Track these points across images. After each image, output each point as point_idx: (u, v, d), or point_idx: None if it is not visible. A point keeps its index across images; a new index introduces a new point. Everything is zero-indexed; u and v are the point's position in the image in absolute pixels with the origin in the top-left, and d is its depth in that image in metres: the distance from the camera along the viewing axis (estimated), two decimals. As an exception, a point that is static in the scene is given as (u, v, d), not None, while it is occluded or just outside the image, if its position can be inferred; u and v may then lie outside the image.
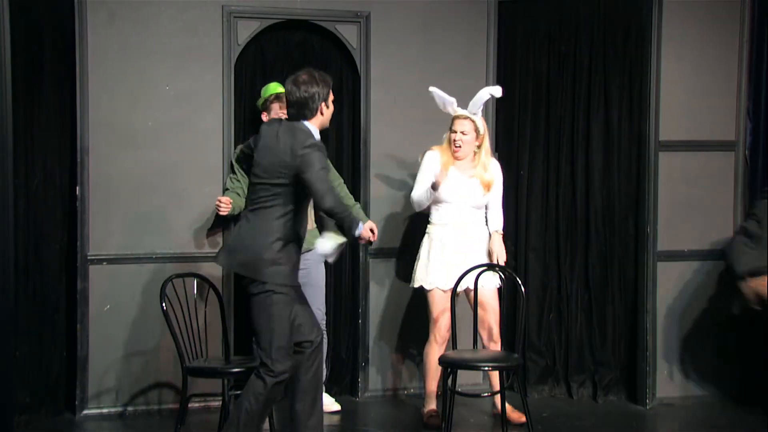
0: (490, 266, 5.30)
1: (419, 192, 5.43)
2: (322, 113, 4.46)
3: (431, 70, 5.95)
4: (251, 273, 4.41)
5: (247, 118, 5.92)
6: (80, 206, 5.55)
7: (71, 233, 5.59)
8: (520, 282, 5.06)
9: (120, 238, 5.62)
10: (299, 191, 4.40)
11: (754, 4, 5.96)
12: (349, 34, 5.91)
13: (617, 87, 6.05)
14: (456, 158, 5.42)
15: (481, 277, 5.19)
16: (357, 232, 4.34)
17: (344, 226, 4.35)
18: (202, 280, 5.08)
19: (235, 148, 5.75)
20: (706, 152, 5.96)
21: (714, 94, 5.97)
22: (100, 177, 5.58)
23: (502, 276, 5.25)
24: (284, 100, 4.63)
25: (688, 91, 5.94)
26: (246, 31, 5.75)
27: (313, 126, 4.46)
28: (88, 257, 5.57)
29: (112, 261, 5.61)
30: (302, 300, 4.59)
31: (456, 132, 5.41)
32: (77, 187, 5.55)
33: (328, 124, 4.55)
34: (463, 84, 5.81)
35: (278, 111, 5.28)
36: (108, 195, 5.60)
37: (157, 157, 5.65)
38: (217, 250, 5.49)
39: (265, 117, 5.40)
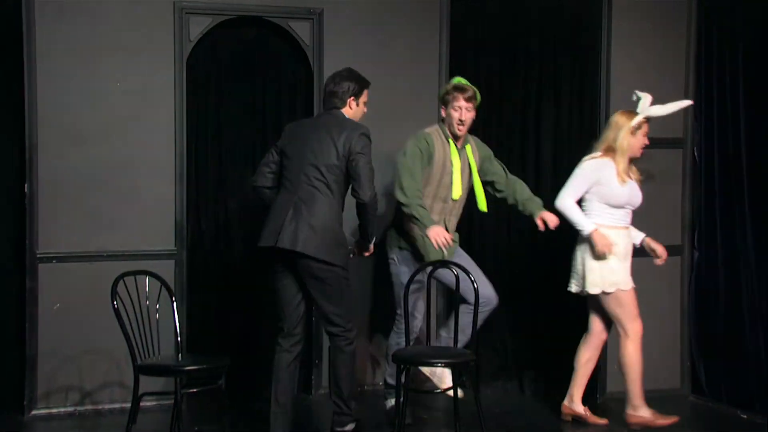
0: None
1: (576, 212, 5.35)
2: (351, 107, 4.88)
3: (384, 67, 5.97)
4: (328, 256, 4.74)
5: (200, 114, 5.90)
6: (29, 204, 5.49)
7: (20, 232, 5.55)
8: (472, 279, 5.05)
9: (70, 236, 5.57)
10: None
11: (701, 4, 6.07)
12: (302, 30, 5.91)
13: (568, 84, 6.15)
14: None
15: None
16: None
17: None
18: (154, 277, 5.05)
19: (187, 146, 5.74)
20: (655, 149, 5.97)
21: (662, 91, 5.89)
22: (50, 174, 5.52)
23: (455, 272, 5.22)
24: (465, 90, 5.22)
25: (637, 88, 5.86)
26: (198, 27, 5.73)
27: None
28: (38, 255, 5.52)
29: (62, 259, 5.56)
30: None
31: (644, 136, 5.38)
32: (26, 185, 5.49)
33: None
34: (415, 81, 5.85)
35: (459, 102, 5.26)
36: (57, 192, 5.54)
37: (107, 153, 5.61)
38: (166, 248, 5.52)
39: (443, 111, 5.37)
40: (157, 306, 5.00)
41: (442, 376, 5.39)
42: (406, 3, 6.04)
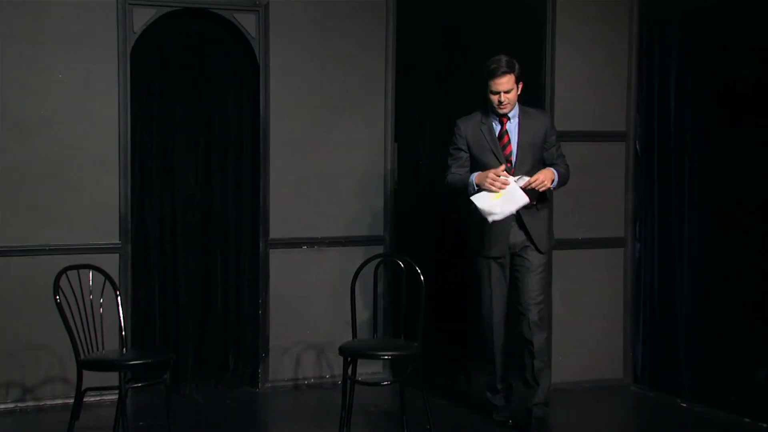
0: None
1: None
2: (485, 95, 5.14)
3: (330, 60, 6.00)
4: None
5: (144, 107, 5.86)
6: (-31, 198, 5.44)
7: (-41, 226, 5.48)
8: (419, 270, 5.11)
9: (11, 230, 5.52)
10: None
11: (642, 3, 6.19)
12: (247, 23, 5.87)
13: None
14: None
15: None
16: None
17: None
18: (98, 271, 5.03)
19: (131, 139, 5.71)
20: (597, 143, 6.17)
21: (605, 87, 6.19)
22: None
23: (401, 264, 5.27)
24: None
25: (581, 84, 6.16)
26: (142, 18, 5.69)
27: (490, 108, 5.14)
28: (-22, 250, 5.48)
29: (2, 253, 5.51)
30: None
31: None
32: (-35, 179, 5.45)
33: (492, 108, 5.12)
34: (362, 75, 5.88)
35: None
36: None
37: (50, 146, 5.56)
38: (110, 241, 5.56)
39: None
40: (101, 300, 4.96)
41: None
42: (353, -5, 6.07)
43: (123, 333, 5.03)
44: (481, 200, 4.96)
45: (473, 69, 6.05)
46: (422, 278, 5.09)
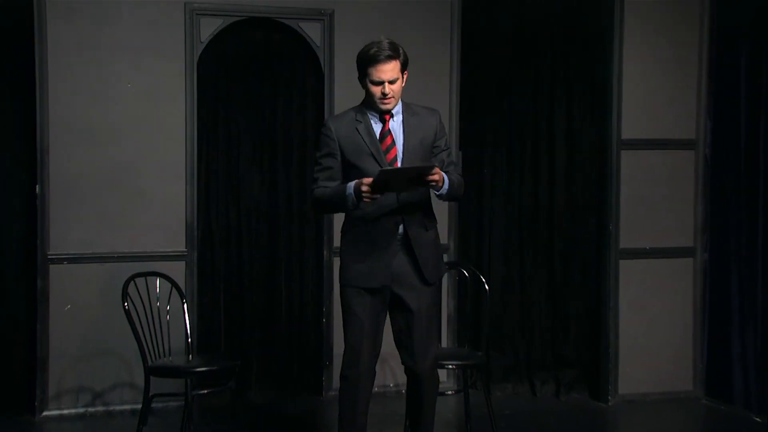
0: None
1: None
2: (363, 87, 4.17)
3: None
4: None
5: (210, 115, 5.92)
6: (40, 205, 5.53)
7: (31, 232, 5.57)
8: (484, 280, 5.13)
9: (80, 237, 5.60)
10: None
11: (713, 4, 6.09)
12: (312, 32, 5.92)
13: (579, 86, 6.15)
14: None
15: None
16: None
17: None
18: (165, 278, 5.10)
19: (198, 147, 5.78)
20: (667, 151, 6.09)
21: (674, 92, 6.10)
22: (60, 175, 5.56)
23: (466, 273, 5.24)
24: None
25: (650, 90, 6.07)
26: (208, 28, 5.76)
27: (366, 101, 4.18)
28: (49, 256, 5.56)
29: (72, 260, 5.60)
30: None
31: None
32: (37, 186, 5.54)
33: (375, 106, 4.15)
34: (427, 82, 5.85)
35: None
36: (68, 193, 5.58)
37: (117, 154, 5.64)
38: (177, 249, 5.61)
39: None
40: (168, 307, 5.03)
41: None
42: (417, 3, 6.04)
43: (189, 340, 5.09)
44: None
45: (539, 75, 6.17)
46: (487, 287, 5.10)
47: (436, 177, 4.00)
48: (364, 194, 3.98)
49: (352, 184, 4.05)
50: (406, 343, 4.21)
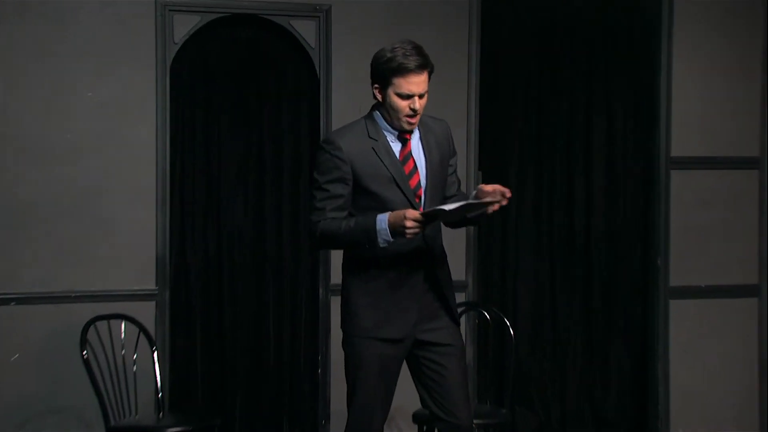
0: None
1: None
2: (375, 98, 3.83)
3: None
4: None
5: (186, 129, 5.70)
6: (-17, 236, 5.44)
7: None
8: (508, 323, 5.00)
9: (32, 274, 5.38)
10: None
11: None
12: (306, 31, 5.70)
13: (621, 94, 6.06)
14: None
15: None
16: None
17: None
18: (131, 322, 5.03)
19: (171, 166, 5.62)
20: (725, 170, 6.03)
21: (734, 103, 6.05)
22: (8, 200, 5.34)
23: (487, 315, 5.12)
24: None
25: (704, 99, 6.03)
26: (183, 27, 5.55)
27: (378, 114, 3.82)
28: (-7, 297, 5.44)
29: (21, 301, 5.36)
30: None
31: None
32: (-21, 213, 5.44)
33: (395, 123, 3.76)
34: (441, 90, 5.44)
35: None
36: (17, 221, 5.35)
37: (76, 175, 5.43)
38: (146, 287, 5.44)
39: None
40: (135, 356, 4.99)
41: None
42: (429, -2, 6.01)
43: (160, 394, 5.07)
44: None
45: (573, 81, 6.13)
46: (512, 331, 4.97)
47: (489, 211, 3.71)
48: (408, 230, 3.55)
49: (383, 217, 3.61)
50: (442, 392, 3.80)
